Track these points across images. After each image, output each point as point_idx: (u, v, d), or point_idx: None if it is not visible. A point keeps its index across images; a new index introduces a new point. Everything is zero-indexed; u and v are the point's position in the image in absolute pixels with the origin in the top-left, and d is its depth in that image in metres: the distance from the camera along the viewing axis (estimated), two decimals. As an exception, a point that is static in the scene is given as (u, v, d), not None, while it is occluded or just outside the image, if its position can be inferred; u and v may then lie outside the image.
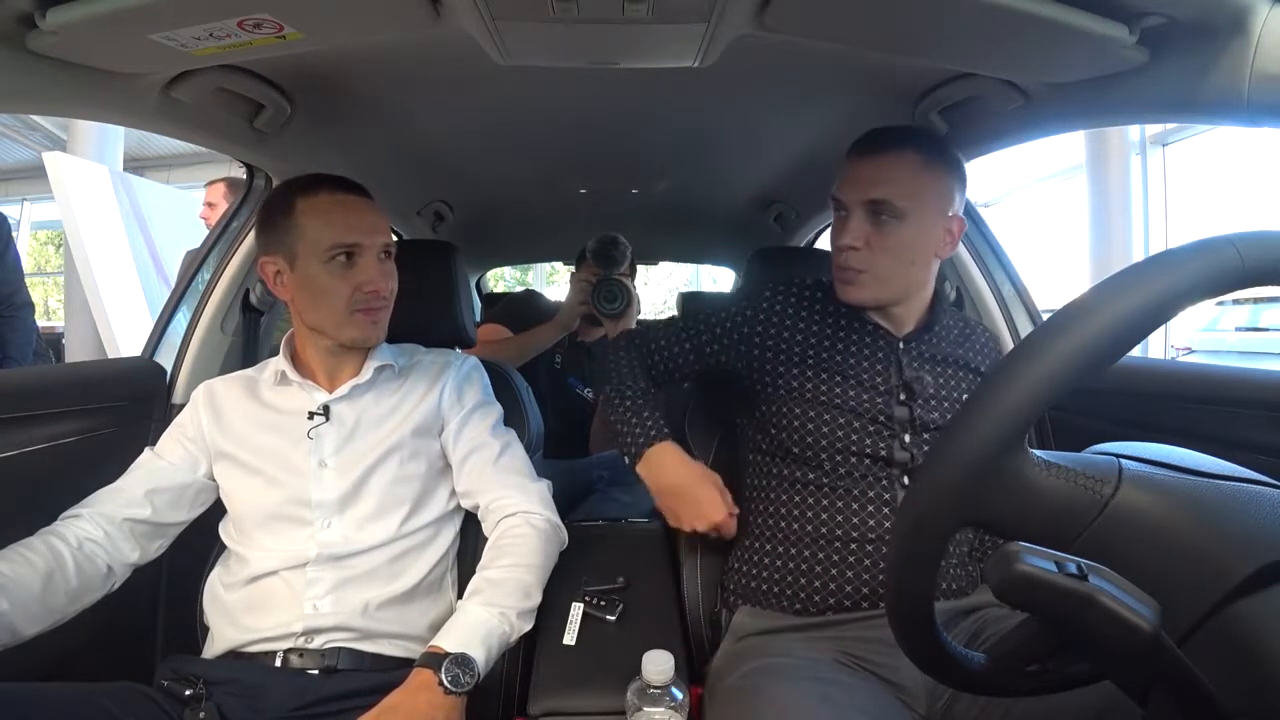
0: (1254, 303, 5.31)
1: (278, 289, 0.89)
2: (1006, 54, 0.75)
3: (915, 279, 0.88)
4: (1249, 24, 0.59)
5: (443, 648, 0.74)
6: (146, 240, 3.41)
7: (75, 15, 0.61)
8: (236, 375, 0.96)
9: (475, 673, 0.73)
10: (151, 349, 1.14)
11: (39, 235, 8.88)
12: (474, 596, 0.81)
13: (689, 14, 0.69)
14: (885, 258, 0.85)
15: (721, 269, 3.00)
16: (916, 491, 0.43)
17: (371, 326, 0.89)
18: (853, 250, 0.86)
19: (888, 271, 0.86)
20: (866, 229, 0.85)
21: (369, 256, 0.88)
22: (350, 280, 0.86)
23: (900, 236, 0.85)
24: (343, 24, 0.70)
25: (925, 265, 0.88)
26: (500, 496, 0.91)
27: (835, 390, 0.88)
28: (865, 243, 0.85)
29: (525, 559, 0.85)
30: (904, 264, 0.86)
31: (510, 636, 0.80)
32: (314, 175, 0.90)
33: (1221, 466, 0.43)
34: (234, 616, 0.83)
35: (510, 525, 0.89)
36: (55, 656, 0.87)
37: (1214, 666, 0.36)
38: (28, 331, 2.07)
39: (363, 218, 0.88)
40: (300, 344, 0.94)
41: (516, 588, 0.82)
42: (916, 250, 0.86)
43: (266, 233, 0.89)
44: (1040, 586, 0.36)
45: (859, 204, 0.86)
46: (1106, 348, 0.37)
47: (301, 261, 0.86)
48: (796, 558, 0.87)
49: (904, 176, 0.84)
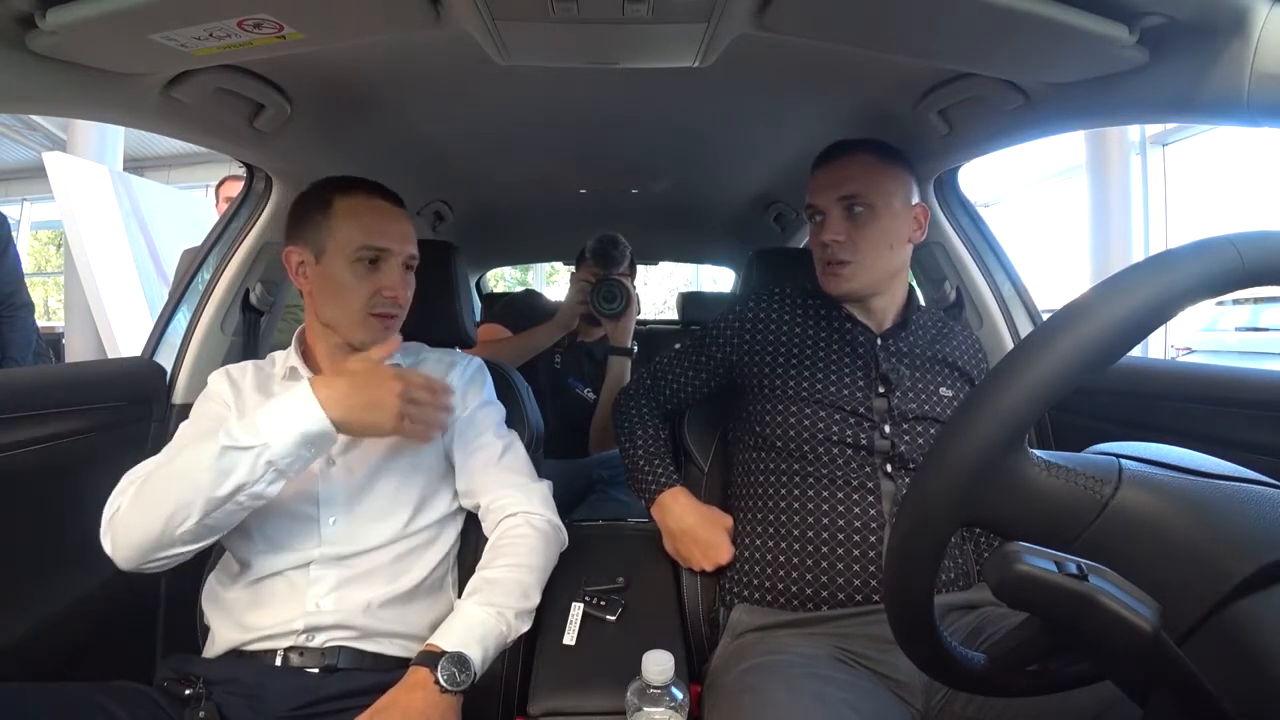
0: (1254, 303, 5.32)
1: (298, 279, 0.91)
2: (1006, 54, 0.74)
3: (895, 263, 0.96)
4: (1249, 24, 0.59)
5: (440, 646, 0.74)
6: (146, 240, 3.41)
7: (75, 15, 0.61)
8: (247, 365, 0.96)
9: (472, 672, 0.73)
10: (151, 349, 1.14)
11: (39, 235, 8.88)
12: (472, 596, 0.81)
13: (689, 14, 0.69)
14: (866, 245, 0.93)
15: (721, 269, 3.00)
16: (916, 491, 0.43)
17: (384, 332, 0.90)
18: (836, 243, 0.94)
19: (870, 257, 0.94)
20: (844, 224, 0.93)
21: (394, 263, 0.89)
22: (372, 283, 0.87)
23: (876, 224, 0.93)
24: (343, 24, 0.70)
25: (901, 249, 0.96)
26: (501, 496, 0.91)
27: (817, 385, 0.94)
28: (846, 235, 0.93)
29: (525, 559, 0.85)
30: (883, 248, 0.94)
31: (508, 637, 0.80)
32: (352, 177, 0.92)
33: (1221, 466, 0.43)
34: (235, 614, 0.83)
35: (510, 525, 0.89)
36: (55, 656, 0.87)
37: (1214, 666, 0.36)
38: (28, 332, 2.06)
39: (394, 225, 0.90)
40: (311, 339, 0.94)
41: (515, 588, 0.82)
42: (893, 235, 0.94)
43: (298, 223, 0.90)
44: (1040, 586, 0.36)
45: (833, 203, 0.94)
46: (1107, 348, 0.37)
47: (328, 257, 0.87)
48: (787, 551, 0.89)
49: (866, 174, 0.93)
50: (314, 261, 0.89)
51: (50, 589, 0.88)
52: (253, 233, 1.17)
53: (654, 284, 9.64)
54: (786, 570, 0.88)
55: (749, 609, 0.90)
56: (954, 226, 1.27)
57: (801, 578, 0.87)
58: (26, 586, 0.86)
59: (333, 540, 0.84)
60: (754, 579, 0.91)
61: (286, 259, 0.91)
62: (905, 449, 0.88)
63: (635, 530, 1.16)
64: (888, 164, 0.95)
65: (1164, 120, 1.69)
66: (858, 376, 0.93)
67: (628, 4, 0.66)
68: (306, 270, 0.90)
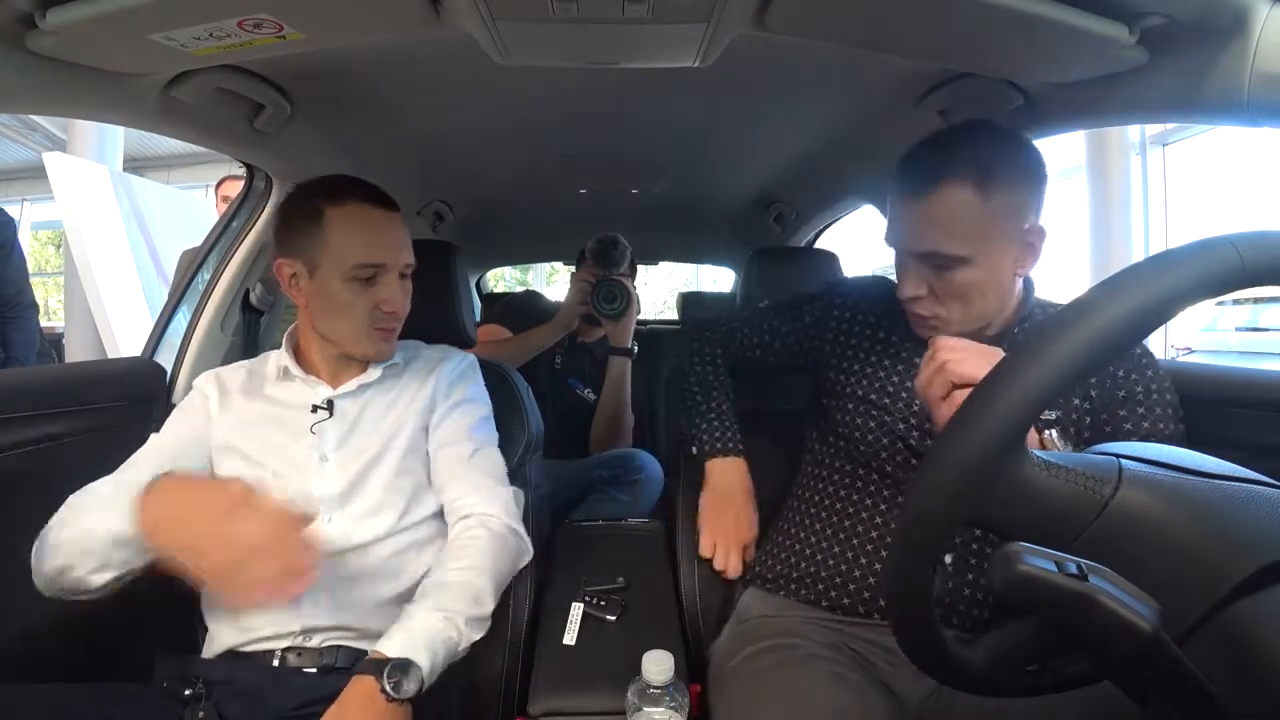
0: (1254, 303, 5.32)
1: (292, 292, 0.88)
2: (1006, 54, 0.74)
3: (994, 305, 0.80)
4: (1249, 24, 0.59)
5: (384, 653, 0.71)
6: (146, 240, 3.41)
7: (75, 15, 0.61)
8: (239, 366, 0.95)
9: (419, 679, 0.70)
10: (151, 349, 1.14)
11: (39, 235, 8.88)
12: (422, 600, 0.78)
13: (689, 14, 0.69)
14: (953, 302, 0.78)
15: (722, 269, 3.00)
16: (917, 490, 0.43)
17: (385, 344, 0.89)
18: (916, 299, 0.80)
19: (959, 311, 0.79)
20: (926, 277, 0.78)
21: (391, 275, 0.87)
22: (370, 298, 0.86)
23: (966, 278, 0.76)
24: (343, 24, 0.70)
25: (1003, 290, 0.79)
26: (461, 495, 0.89)
27: (888, 389, 0.87)
28: (928, 291, 0.78)
29: (477, 562, 0.82)
30: (975, 299, 0.78)
31: (459, 644, 0.76)
32: (342, 179, 0.88)
33: (1221, 466, 0.43)
34: (232, 616, 0.83)
35: (465, 527, 0.87)
36: (55, 656, 0.87)
37: (1214, 666, 0.36)
38: (31, 333, 2.07)
39: (390, 235, 0.87)
40: (304, 341, 0.93)
41: (466, 591, 0.79)
42: (988, 285, 0.77)
43: (288, 234, 0.87)
44: (1040, 586, 0.36)
45: (909, 254, 0.79)
46: (1106, 347, 0.37)
47: (322, 272, 0.85)
48: (826, 551, 0.87)
49: (958, 220, 0.73)
50: (307, 276, 0.86)
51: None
52: (253, 233, 1.17)
53: (654, 284, 9.64)
54: (818, 568, 0.86)
55: (763, 596, 0.89)
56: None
57: (830, 578, 0.84)
58: (26, 587, 0.86)
59: (329, 538, 0.84)
60: (783, 566, 0.89)
61: (278, 271, 0.88)
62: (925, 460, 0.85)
63: (635, 530, 1.16)
64: (995, 193, 0.72)
65: (1164, 120, 1.69)
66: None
67: (628, 4, 0.66)
68: (299, 283, 0.87)
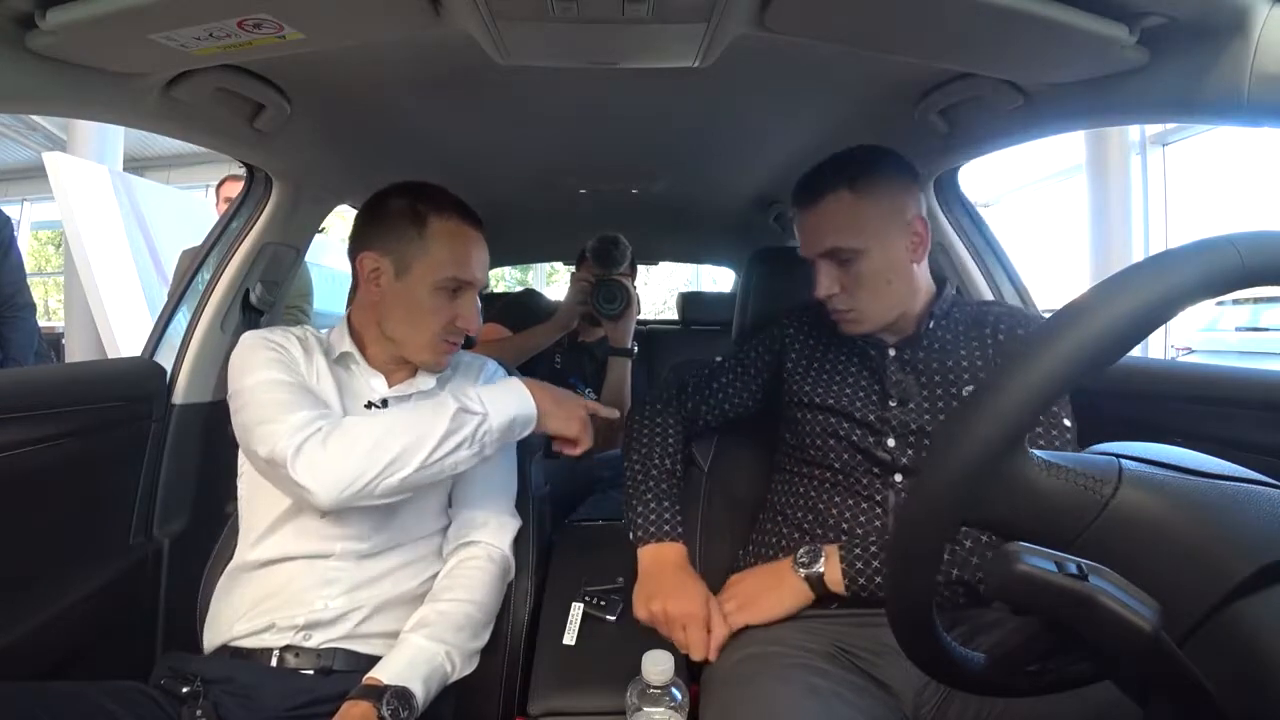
0: (1254, 303, 5.32)
1: (368, 285, 0.87)
2: (1006, 54, 0.74)
3: (902, 290, 0.91)
4: (1249, 24, 0.59)
5: (381, 680, 0.71)
6: (146, 240, 3.41)
7: (75, 15, 0.61)
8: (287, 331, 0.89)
9: (414, 708, 0.70)
10: (151, 349, 1.14)
11: (39, 235, 8.87)
12: (422, 629, 0.78)
13: (689, 14, 0.69)
14: (862, 292, 0.89)
15: (721, 269, 3.00)
16: (917, 491, 0.43)
17: (445, 357, 0.90)
18: (831, 296, 0.90)
19: (870, 302, 0.90)
20: (835, 274, 0.89)
21: (472, 293, 0.89)
22: (449, 311, 0.87)
23: (867, 267, 0.88)
24: (343, 24, 0.70)
25: (905, 276, 0.90)
26: (473, 520, 0.91)
27: (830, 395, 0.94)
28: (839, 286, 0.89)
29: (479, 595, 0.84)
30: (882, 287, 0.89)
31: (450, 677, 0.77)
32: (436, 189, 0.89)
33: (1221, 466, 0.43)
34: (240, 608, 0.83)
35: (470, 555, 0.89)
36: (55, 655, 0.87)
37: (1214, 666, 0.36)
38: (30, 333, 2.06)
39: (480, 254, 0.89)
40: (362, 330, 0.92)
41: (467, 624, 0.81)
42: (890, 270, 0.89)
43: (381, 230, 0.86)
44: (1040, 587, 0.36)
45: (816, 257, 0.90)
46: (1106, 348, 0.37)
47: (412, 277, 0.85)
48: (799, 543, 0.89)
49: (843, 218, 0.87)
50: (393, 275, 0.86)
51: (50, 588, 0.88)
52: (253, 233, 1.17)
53: (654, 284, 9.64)
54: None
55: None
56: (954, 227, 1.27)
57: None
58: (26, 586, 0.86)
59: (353, 537, 0.84)
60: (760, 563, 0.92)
61: (360, 263, 0.87)
62: (908, 461, 0.88)
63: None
64: (868, 193, 0.86)
65: (1164, 120, 1.69)
66: (873, 389, 0.93)
67: (627, 4, 0.66)
68: (381, 280, 0.86)
